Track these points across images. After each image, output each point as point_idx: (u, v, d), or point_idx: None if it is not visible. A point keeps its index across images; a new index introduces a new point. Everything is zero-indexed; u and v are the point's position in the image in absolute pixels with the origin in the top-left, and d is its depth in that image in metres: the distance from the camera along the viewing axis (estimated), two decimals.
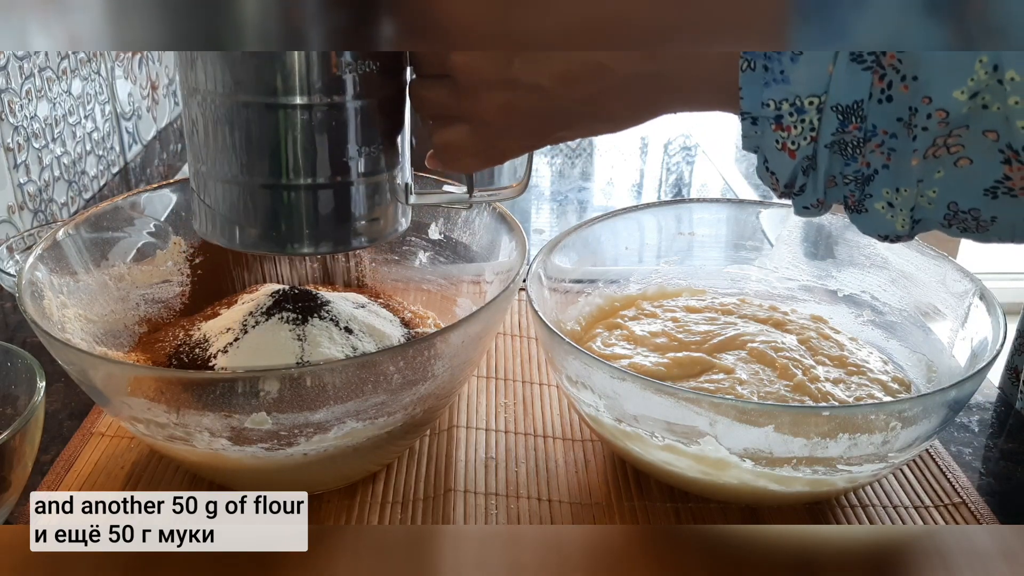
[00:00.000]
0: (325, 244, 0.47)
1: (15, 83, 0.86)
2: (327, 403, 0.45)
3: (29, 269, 0.51)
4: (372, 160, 0.46)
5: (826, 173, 0.40)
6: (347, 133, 0.44)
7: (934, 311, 0.58)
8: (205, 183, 0.45)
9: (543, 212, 1.17)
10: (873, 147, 0.38)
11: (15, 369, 0.50)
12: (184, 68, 0.43)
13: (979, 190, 0.38)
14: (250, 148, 0.43)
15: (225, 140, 0.43)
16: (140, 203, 0.61)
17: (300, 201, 0.44)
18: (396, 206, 0.48)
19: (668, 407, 0.46)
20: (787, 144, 0.39)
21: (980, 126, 0.36)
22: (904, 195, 0.39)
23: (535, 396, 0.63)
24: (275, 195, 0.44)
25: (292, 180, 0.44)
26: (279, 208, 0.44)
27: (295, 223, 0.45)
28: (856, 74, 0.37)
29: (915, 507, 0.53)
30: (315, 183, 0.44)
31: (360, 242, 0.48)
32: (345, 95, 0.43)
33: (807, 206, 0.42)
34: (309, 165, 0.44)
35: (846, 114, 0.38)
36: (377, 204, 0.47)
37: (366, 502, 0.53)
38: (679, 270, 0.67)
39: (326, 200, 0.45)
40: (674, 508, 0.52)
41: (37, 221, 0.90)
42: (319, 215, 0.45)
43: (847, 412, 0.47)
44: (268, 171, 0.44)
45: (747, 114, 0.39)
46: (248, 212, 0.45)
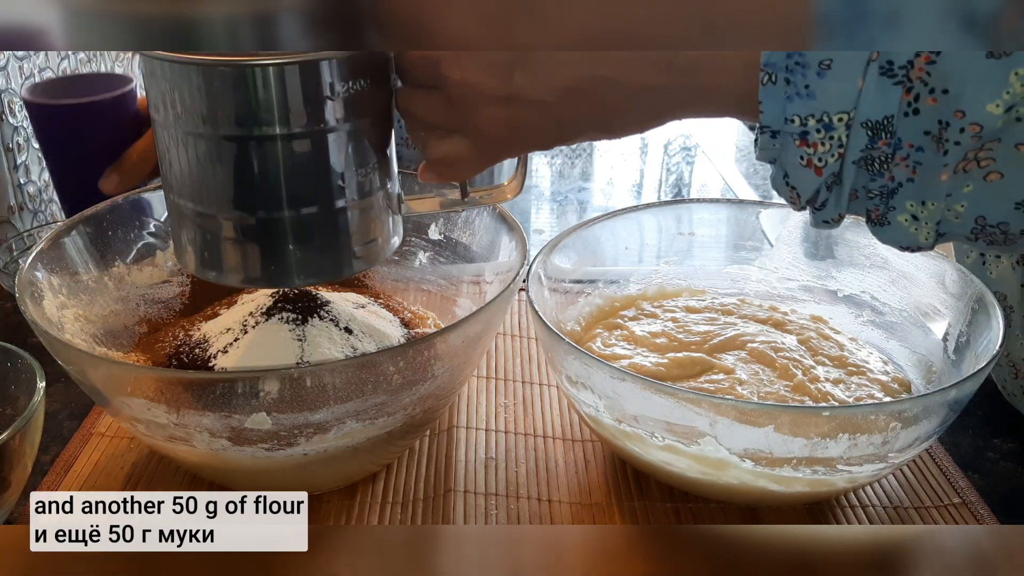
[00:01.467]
0: (322, 274, 0.45)
1: (15, 83, 0.86)
2: (327, 403, 0.45)
3: (29, 269, 0.51)
4: (362, 182, 0.44)
5: (850, 188, 0.39)
6: (335, 159, 0.42)
7: (934, 311, 0.58)
8: (192, 222, 0.44)
9: (543, 212, 1.17)
10: (899, 160, 0.37)
11: (15, 369, 0.50)
12: (175, 107, 0.41)
13: (1010, 204, 0.37)
14: (233, 182, 0.42)
15: (206, 175, 0.42)
16: (140, 203, 0.61)
17: (292, 234, 0.43)
18: (390, 225, 0.47)
19: (668, 407, 0.46)
20: (813, 160, 0.38)
21: (1013, 139, 0.35)
22: (931, 209, 0.38)
23: (535, 396, 0.63)
24: (266, 230, 0.42)
25: (280, 213, 0.42)
26: (270, 244, 0.43)
27: (288, 258, 0.43)
28: (887, 89, 0.35)
29: (915, 507, 0.53)
30: (307, 213, 0.43)
31: (360, 266, 0.46)
32: (331, 120, 0.41)
33: (827, 220, 0.40)
34: (300, 196, 0.42)
35: (876, 130, 0.36)
36: (371, 226, 0.46)
37: (366, 502, 0.53)
38: (679, 270, 0.67)
39: (320, 230, 0.43)
40: (674, 508, 0.52)
41: (37, 221, 0.90)
42: (313, 246, 0.44)
43: (847, 412, 0.47)
44: (256, 206, 0.42)
45: (766, 128, 0.38)
46: (237, 250, 0.43)
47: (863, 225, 0.61)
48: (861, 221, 0.61)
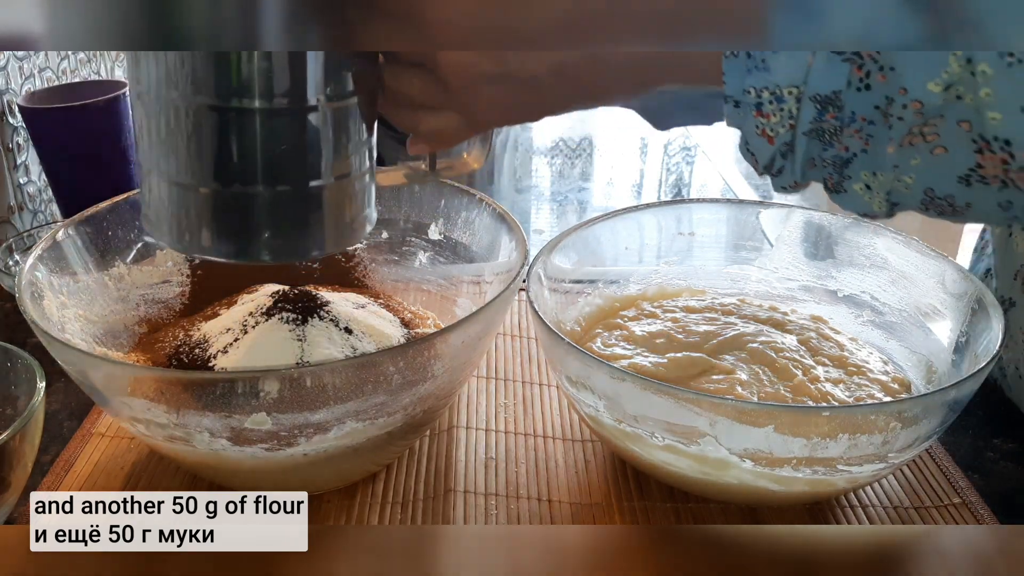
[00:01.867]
0: (298, 251, 0.45)
1: (15, 83, 0.86)
2: (327, 403, 0.45)
3: (29, 269, 0.51)
4: (346, 159, 0.44)
5: (804, 157, 0.41)
6: (321, 135, 0.42)
7: (934, 311, 0.58)
8: (160, 188, 0.43)
9: (543, 212, 1.17)
10: (852, 132, 0.39)
11: (15, 369, 0.50)
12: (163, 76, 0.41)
13: (953, 177, 0.39)
14: (212, 152, 0.41)
15: (178, 144, 0.41)
16: (140, 203, 0.61)
17: (268, 207, 0.42)
18: (366, 205, 0.46)
19: (668, 408, 0.46)
20: (766, 130, 0.40)
21: (955, 116, 0.37)
22: (881, 179, 0.40)
23: (535, 396, 0.63)
24: (243, 201, 0.42)
25: (258, 186, 0.42)
26: (247, 215, 0.42)
27: (267, 230, 0.43)
28: (835, 65, 0.38)
29: (915, 507, 0.53)
30: (283, 188, 0.42)
31: (333, 246, 0.46)
32: (314, 98, 0.41)
33: (785, 186, 0.43)
34: (277, 169, 0.42)
35: (824, 104, 0.39)
36: (356, 202, 0.45)
37: (366, 502, 0.53)
38: (679, 270, 0.67)
39: (293, 206, 0.43)
40: (674, 508, 0.52)
41: (37, 221, 0.90)
42: (289, 222, 0.43)
43: (847, 412, 0.47)
44: (231, 176, 0.42)
45: (730, 97, 0.40)
46: (210, 217, 0.43)
47: (863, 225, 0.62)
48: (861, 221, 0.62)
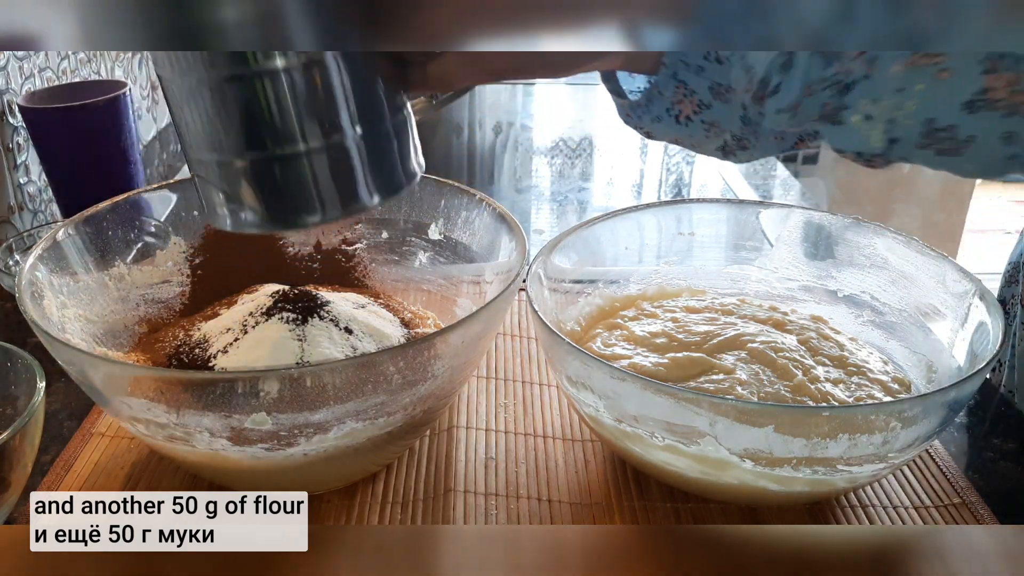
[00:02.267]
0: (341, 208, 0.44)
1: (15, 83, 0.86)
2: (327, 403, 0.45)
3: (29, 269, 0.51)
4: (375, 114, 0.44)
5: (804, 75, 0.40)
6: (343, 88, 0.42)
7: (934, 311, 0.58)
8: (213, 171, 0.43)
9: (543, 212, 1.17)
10: (855, 55, 0.39)
11: (15, 369, 0.50)
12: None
13: (957, 104, 0.38)
14: (237, 122, 0.41)
15: (211, 118, 0.41)
16: (140, 203, 0.61)
17: (308, 169, 0.42)
18: (411, 154, 0.47)
19: (668, 407, 0.46)
20: None
21: None
22: (882, 107, 0.39)
23: (535, 396, 0.63)
24: (277, 167, 0.42)
25: (298, 147, 0.41)
26: (282, 181, 0.42)
27: (308, 193, 0.43)
28: None
29: (915, 507, 0.53)
30: (320, 147, 0.42)
31: (383, 197, 0.45)
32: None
33: (781, 109, 0.42)
34: (314, 129, 0.42)
35: None
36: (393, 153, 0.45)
37: (366, 502, 0.53)
38: (679, 270, 0.67)
39: (332, 165, 0.43)
40: (674, 508, 0.52)
41: (37, 221, 0.90)
42: (330, 181, 0.43)
43: (847, 412, 0.47)
44: (262, 143, 0.41)
45: None
46: (253, 189, 0.43)
47: (863, 225, 0.62)
48: (861, 221, 0.62)
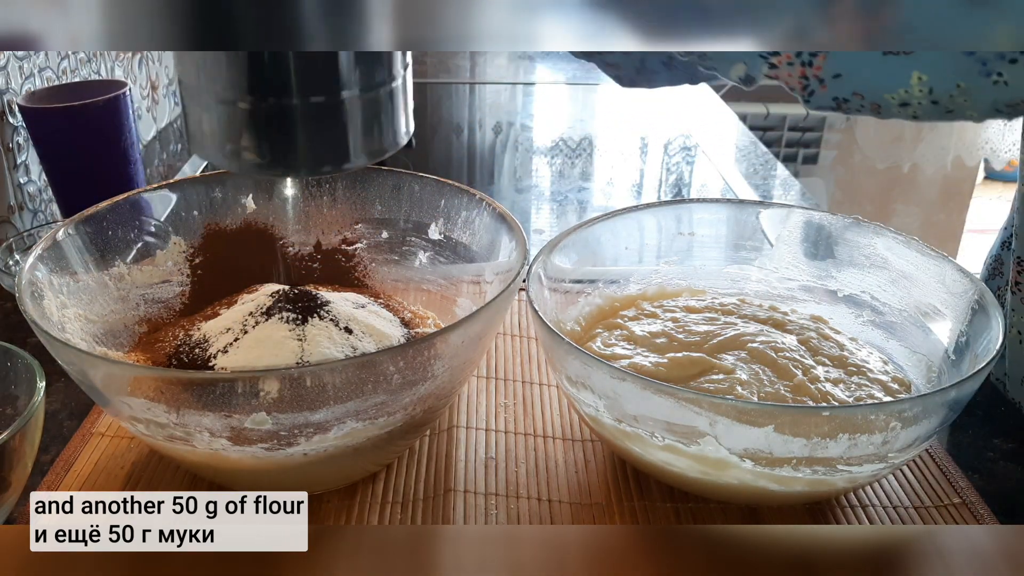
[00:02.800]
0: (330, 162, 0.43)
1: (15, 83, 0.86)
2: (327, 403, 0.45)
3: (29, 269, 0.51)
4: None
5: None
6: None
7: (934, 311, 0.58)
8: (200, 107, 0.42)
9: (543, 212, 1.17)
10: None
11: (15, 369, 0.50)
12: None
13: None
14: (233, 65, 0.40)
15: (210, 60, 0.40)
16: (140, 203, 0.61)
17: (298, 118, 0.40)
18: (400, 115, 0.45)
19: (668, 407, 0.46)
20: None
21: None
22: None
23: (535, 396, 0.63)
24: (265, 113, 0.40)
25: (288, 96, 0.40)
26: (271, 127, 0.41)
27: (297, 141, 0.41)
28: None
29: (915, 507, 0.53)
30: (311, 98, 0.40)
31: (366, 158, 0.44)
32: None
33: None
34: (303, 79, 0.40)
35: None
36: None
37: (366, 502, 0.53)
38: (679, 270, 0.67)
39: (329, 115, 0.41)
40: (674, 508, 0.52)
41: (37, 221, 0.90)
42: (320, 132, 0.42)
43: (847, 412, 0.47)
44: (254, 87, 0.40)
45: None
46: (240, 133, 0.41)
47: (863, 225, 0.62)
48: (861, 221, 0.62)
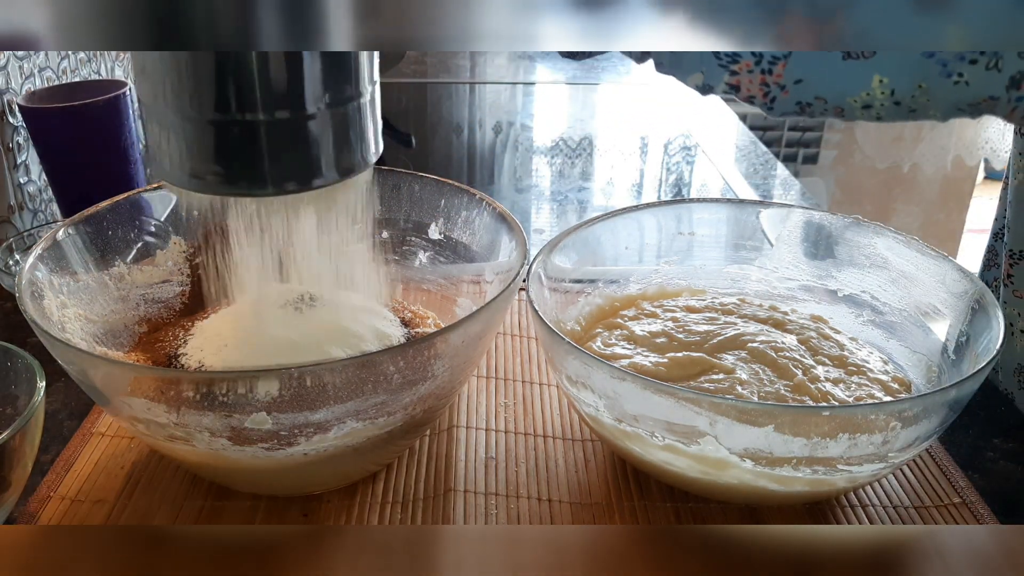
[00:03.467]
0: (294, 181, 0.42)
1: (15, 83, 0.86)
2: (327, 403, 0.45)
3: (29, 269, 0.51)
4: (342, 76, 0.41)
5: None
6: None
7: (934, 311, 0.58)
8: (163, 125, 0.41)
9: (543, 212, 1.17)
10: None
11: (15, 369, 0.50)
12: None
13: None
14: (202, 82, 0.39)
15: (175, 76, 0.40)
16: (140, 203, 0.61)
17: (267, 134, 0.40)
18: (371, 128, 0.45)
19: (668, 407, 0.46)
20: None
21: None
22: None
23: (535, 396, 0.63)
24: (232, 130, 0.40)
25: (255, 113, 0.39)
26: (238, 144, 0.40)
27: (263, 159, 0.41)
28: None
29: (915, 507, 0.53)
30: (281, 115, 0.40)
31: (335, 175, 0.43)
32: None
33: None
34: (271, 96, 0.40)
35: None
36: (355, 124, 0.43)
37: (366, 502, 0.53)
38: (679, 270, 0.67)
39: (295, 131, 0.41)
40: (674, 508, 0.52)
41: (37, 221, 0.90)
42: (290, 149, 0.41)
43: (847, 412, 0.47)
44: (221, 106, 0.39)
45: None
46: (207, 151, 0.41)
47: (863, 225, 0.62)
48: (861, 221, 0.62)
